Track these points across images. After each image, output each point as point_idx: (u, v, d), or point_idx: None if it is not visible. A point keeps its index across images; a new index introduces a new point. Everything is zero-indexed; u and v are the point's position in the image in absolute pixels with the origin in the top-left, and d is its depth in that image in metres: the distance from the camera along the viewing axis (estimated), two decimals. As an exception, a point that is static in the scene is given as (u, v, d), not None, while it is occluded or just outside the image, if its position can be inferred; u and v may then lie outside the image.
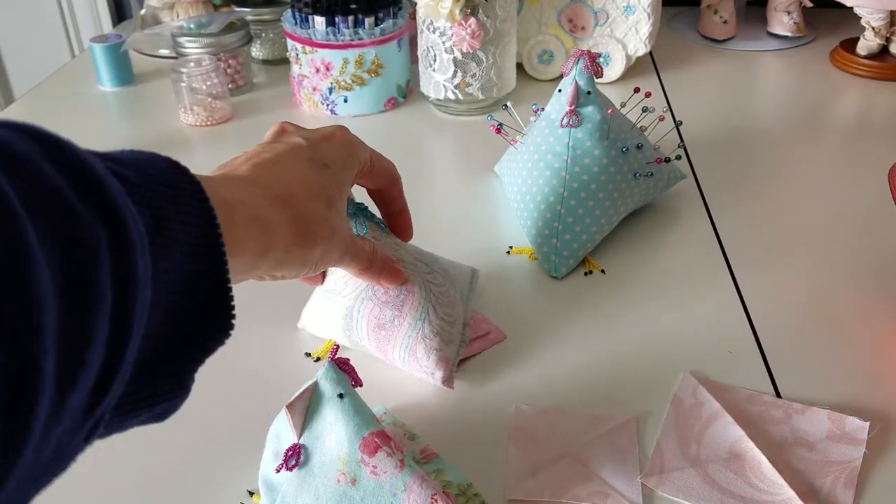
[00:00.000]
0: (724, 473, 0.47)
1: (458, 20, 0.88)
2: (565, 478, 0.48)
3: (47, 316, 0.20)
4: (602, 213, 0.68)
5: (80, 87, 1.09)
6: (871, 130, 0.93)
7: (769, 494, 0.46)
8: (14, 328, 0.19)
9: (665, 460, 0.49)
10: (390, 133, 0.95)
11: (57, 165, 0.23)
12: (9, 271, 0.19)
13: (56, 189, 0.22)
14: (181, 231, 0.28)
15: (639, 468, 0.49)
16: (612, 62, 1.03)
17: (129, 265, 0.24)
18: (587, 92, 0.68)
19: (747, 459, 0.48)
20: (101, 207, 0.24)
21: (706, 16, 1.18)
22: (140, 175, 0.28)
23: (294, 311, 0.60)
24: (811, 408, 0.51)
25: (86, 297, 0.22)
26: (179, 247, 0.28)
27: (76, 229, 0.22)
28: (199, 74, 0.94)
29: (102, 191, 0.24)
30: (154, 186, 0.28)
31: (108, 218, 0.23)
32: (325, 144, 0.46)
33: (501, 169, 0.80)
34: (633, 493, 0.47)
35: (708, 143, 0.89)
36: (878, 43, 1.06)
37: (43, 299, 0.20)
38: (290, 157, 0.43)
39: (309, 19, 0.93)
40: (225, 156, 0.46)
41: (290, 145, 0.44)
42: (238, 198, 0.36)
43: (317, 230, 0.41)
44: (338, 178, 0.45)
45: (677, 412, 0.52)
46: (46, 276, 0.20)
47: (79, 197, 0.23)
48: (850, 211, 0.76)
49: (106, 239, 0.23)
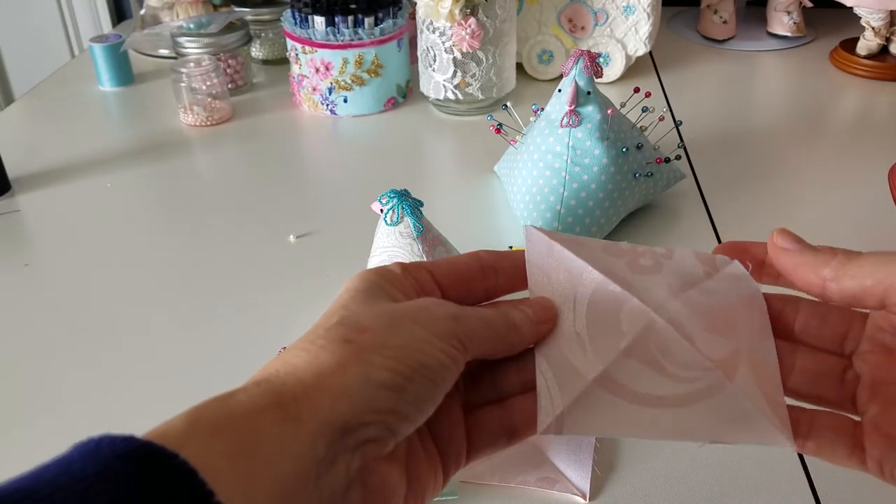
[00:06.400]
0: (628, 367, 0.31)
1: (458, 20, 0.88)
2: (516, 462, 0.48)
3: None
4: (602, 213, 0.68)
5: (79, 87, 1.08)
6: (871, 130, 0.93)
7: (688, 383, 0.31)
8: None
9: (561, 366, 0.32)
10: (390, 133, 0.95)
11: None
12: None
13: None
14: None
15: (592, 454, 0.49)
16: (612, 62, 1.03)
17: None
18: (587, 92, 0.68)
19: (653, 335, 0.31)
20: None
21: (706, 16, 1.18)
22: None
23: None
24: (675, 249, 0.35)
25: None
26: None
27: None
28: (198, 74, 0.94)
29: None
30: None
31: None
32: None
33: (501, 169, 0.80)
34: (581, 479, 0.48)
35: (708, 143, 0.89)
36: (878, 43, 1.05)
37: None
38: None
39: (309, 19, 0.93)
40: (225, 156, 0.46)
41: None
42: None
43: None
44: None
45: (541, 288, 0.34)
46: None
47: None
48: (850, 211, 0.76)
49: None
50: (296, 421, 0.25)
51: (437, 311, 0.29)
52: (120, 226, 0.78)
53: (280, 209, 0.79)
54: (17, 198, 0.82)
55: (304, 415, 0.25)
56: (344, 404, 0.25)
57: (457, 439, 0.31)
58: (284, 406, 0.25)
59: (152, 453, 0.22)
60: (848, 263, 0.30)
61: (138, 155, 0.90)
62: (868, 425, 0.30)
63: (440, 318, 0.28)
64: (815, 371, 0.32)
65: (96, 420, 0.55)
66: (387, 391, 0.26)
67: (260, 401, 0.25)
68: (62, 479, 0.21)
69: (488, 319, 0.30)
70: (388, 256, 0.56)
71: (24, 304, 0.67)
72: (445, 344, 0.28)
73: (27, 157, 0.90)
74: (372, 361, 0.26)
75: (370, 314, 0.28)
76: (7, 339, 0.63)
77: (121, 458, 0.21)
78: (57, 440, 0.51)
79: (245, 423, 0.24)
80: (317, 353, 0.27)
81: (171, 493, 0.21)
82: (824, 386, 0.32)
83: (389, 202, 0.56)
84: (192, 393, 0.32)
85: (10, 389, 0.58)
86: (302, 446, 0.24)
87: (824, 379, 0.32)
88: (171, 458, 0.22)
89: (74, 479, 0.21)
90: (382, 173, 0.86)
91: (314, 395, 0.25)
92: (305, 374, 0.26)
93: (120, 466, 0.21)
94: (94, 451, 0.22)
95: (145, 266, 0.71)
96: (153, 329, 0.63)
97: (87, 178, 0.86)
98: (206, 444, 0.23)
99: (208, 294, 0.67)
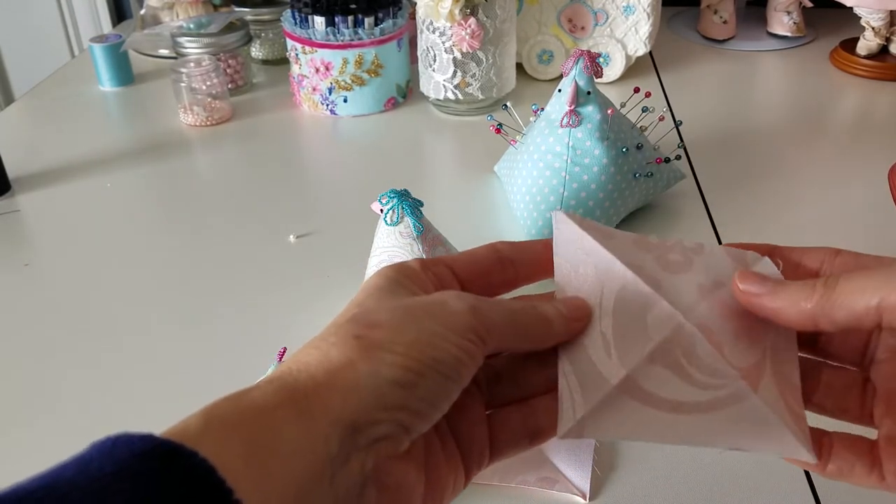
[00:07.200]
0: (652, 372, 0.31)
1: (458, 20, 0.88)
2: (516, 462, 0.48)
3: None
4: (602, 214, 0.68)
5: (79, 87, 1.08)
6: (870, 130, 0.93)
7: (712, 390, 0.30)
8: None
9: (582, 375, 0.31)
10: (390, 133, 0.95)
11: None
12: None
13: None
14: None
15: (592, 454, 0.49)
16: (612, 62, 1.03)
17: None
18: (587, 92, 0.68)
19: (679, 340, 0.31)
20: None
21: (706, 16, 1.18)
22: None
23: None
24: (705, 244, 0.34)
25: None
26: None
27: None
28: (198, 74, 0.94)
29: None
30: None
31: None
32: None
33: (501, 169, 0.80)
34: (581, 480, 0.48)
35: (708, 143, 0.89)
36: (878, 43, 1.05)
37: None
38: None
39: (309, 19, 0.93)
40: (225, 156, 0.45)
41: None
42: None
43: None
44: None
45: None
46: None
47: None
48: (850, 211, 0.76)
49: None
50: (309, 418, 0.24)
51: (455, 304, 0.28)
52: (120, 226, 0.78)
53: (280, 209, 0.79)
54: (17, 198, 0.82)
55: (316, 412, 0.24)
56: (354, 401, 0.25)
57: (478, 439, 0.31)
58: (297, 403, 0.25)
59: (170, 451, 0.22)
60: (831, 294, 0.28)
61: (138, 155, 0.90)
62: (883, 440, 0.29)
63: (457, 312, 0.28)
64: (839, 386, 0.31)
65: (96, 420, 0.55)
66: (397, 388, 0.25)
67: (273, 398, 0.25)
68: (80, 478, 0.21)
69: (513, 311, 0.30)
70: (388, 256, 0.56)
71: (24, 304, 0.67)
72: (461, 338, 0.27)
73: (27, 157, 0.90)
74: (382, 358, 0.26)
75: (385, 310, 0.28)
76: (7, 339, 0.63)
77: (138, 457, 0.21)
78: (57, 440, 0.52)
79: (259, 421, 0.24)
80: (328, 350, 0.26)
81: (191, 491, 0.21)
82: (849, 400, 0.31)
83: (389, 202, 0.56)
84: (193, 393, 0.32)
85: (10, 389, 0.58)
86: (315, 443, 0.24)
87: (849, 393, 0.31)
88: (191, 457, 0.22)
89: (92, 478, 0.21)
90: (382, 173, 0.86)
91: (325, 392, 0.25)
92: (317, 371, 0.26)
93: (138, 465, 0.21)
94: (111, 449, 0.21)
95: (145, 266, 0.71)
96: (153, 329, 0.63)
97: (87, 178, 0.86)
98: (221, 442, 0.23)
99: (208, 294, 0.67)
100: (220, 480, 0.21)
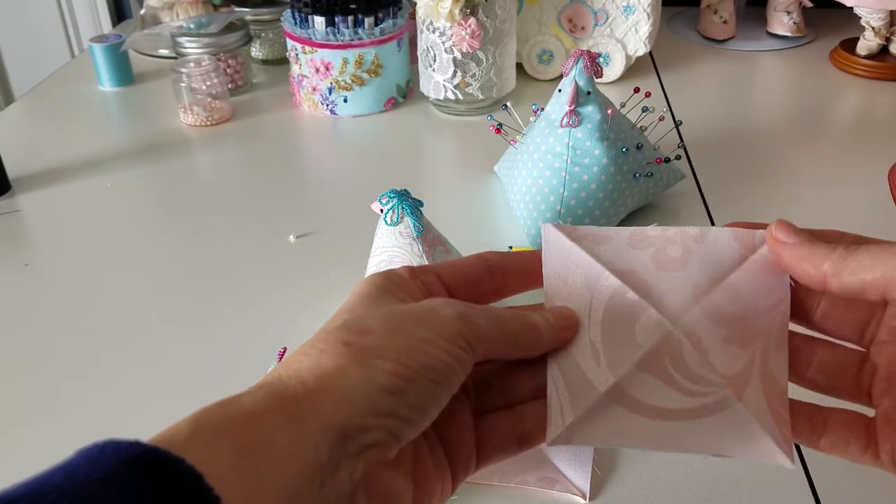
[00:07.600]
0: (640, 380, 0.31)
1: (458, 20, 0.88)
2: (516, 462, 0.48)
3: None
4: (602, 214, 0.68)
5: (79, 87, 1.08)
6: (870, 130, 0.93)
7: (699, 397, 0.30)
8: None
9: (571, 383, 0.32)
10: (390, 133, 0.95)
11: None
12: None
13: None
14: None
15: (592, 454, 0.49)
16: (612, 62, 1.03)
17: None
18: (587, 92, 0.68)
19: (667, 348, 0.31)
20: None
21: (706, 16, 1.18)
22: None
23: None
24: (709, 230, 0.33)
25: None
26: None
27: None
28: (198, 74, 0.94)
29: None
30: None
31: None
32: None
33: (501, 169, 0.80)
34: (581, 479, 0.48)
35: (708, 143, 0.89)
36: (878, 43, 1.05)
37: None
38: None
39: (309, 19, 0.93)
40: (225, 156, 0.45)
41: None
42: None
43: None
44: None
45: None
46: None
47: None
48: (850, 211, 0.76)
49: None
50: (299, 424, 0.24)
51: (444, 311, 0.28)
52: (120, 226, 0.78)
53: (280, 209, 0.79)
54: (17, 198, 0.82)
55: (306, 417, 0.24)
56: (344, 407, 0.25)
57: (466, 445, 0.31)
58: (287, 409, 0.24)
59: (158, 458, 0.22)
60: (847, 258, 0.29)
61: (138, 155, 0.90)
62: (881, 419, 0.30)
63: (446, 318, 0.28)
64: (833, 364, 0.32)
65: (96, 420, 0.55)
66: (387, 394, 0.26)
67: (263, 404, 0.24)
68: (67, 484, 0.21)
69: (502, 318, 0.30)
70: (388, 256, 0.56)
71: (24, 304, 0.67)
72: (450, 344, 0.27)
73: (27, 157, 0.90)
74: (373, 364, 0.26)
75: (375, 316, 0.28)
76: (7, 339, 0.63)
77: (125, 464, 0.21)
78: (57, 440, 0.52)
79: (249, 427, 0.24)
80: (318, 356, 0.26)
81: (178, 498, 0.21)
82: (841, 378, 0.31)
83: (389, 202, 0.56)
84: (193, 393, 0.32)
85: (10, 389, 0.58)
86: (306, 449, 0.24)
87: (842, 371, 0.31)
88: (177, 464, 0.22)
89: (79, 485, 0.21)
90: (382, 173, 0.86)
91: (316, 397, 0.25)
92: (308, 377, 0.26)
93: (125, 472, 0.21)
94: (98, 456, 0.21)
95: (145, 266, 0.71)
96: (153, 329, 0.63)
97: (87, 178, 0.86)
98: (210, 448, 0.23)
99: (208, 294, 0.67)
100: (207, 488, 0.21)
